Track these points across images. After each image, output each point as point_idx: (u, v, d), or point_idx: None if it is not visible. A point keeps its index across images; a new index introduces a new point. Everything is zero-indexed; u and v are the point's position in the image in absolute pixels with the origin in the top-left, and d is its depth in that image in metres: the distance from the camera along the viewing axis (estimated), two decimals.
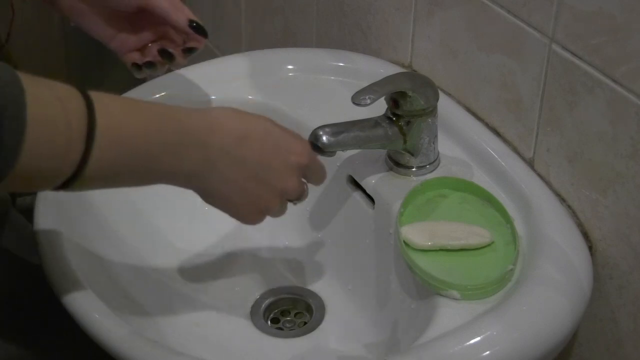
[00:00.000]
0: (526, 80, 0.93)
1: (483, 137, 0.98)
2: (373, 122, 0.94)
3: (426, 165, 0.97)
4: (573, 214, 0.92)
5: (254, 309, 1.02)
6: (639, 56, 0.81)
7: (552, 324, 0.81)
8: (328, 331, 0.99)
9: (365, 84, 0.91)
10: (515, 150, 0.97)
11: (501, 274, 0.84)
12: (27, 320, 0.94)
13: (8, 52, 1.83)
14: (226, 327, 1.00)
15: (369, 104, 0.89)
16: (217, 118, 0.77)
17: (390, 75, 0.94)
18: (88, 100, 0.70)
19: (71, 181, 0.70)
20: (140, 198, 1.04)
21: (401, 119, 0.94)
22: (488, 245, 0.89)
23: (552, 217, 0.89)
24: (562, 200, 0.93)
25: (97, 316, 0.83)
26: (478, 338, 0.79)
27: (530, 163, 0.96)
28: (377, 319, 0.96)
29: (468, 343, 0.78)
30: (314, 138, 0.90)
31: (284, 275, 1.05)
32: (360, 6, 1.16)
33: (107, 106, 0.71)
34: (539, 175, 0.95)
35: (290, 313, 1.02)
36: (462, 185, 0.94)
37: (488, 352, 0.78)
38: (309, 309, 1.02)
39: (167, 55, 0.94)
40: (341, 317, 1.00)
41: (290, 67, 1.12)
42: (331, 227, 1.04)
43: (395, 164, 0.97)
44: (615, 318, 0.91)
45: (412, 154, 0.96)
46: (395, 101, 0.93)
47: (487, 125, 1.00)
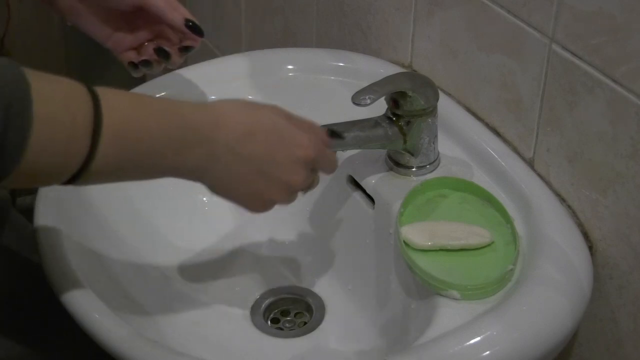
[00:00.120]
0: (526, 80, 0.93)
1: (483, 137, 0.98)
2: (373, 122, 0.94)
3: (426, 165, 0.97)
4: (573, 214, 0.92)
5: (254, 309, 1.02)
6: (639, 56, 0.81)
7: (552, 324, 0.81)
8: (328, 331, 0.99)
9: (365, 84, 0.91)
10: (515, 150, 0.97)
11: (501, 274, 0.84)
12: (27, 320, 0.94)
13: (7, 52, 1.83)
14: (226, 327, 1.00)
15: (369, 104, 0.89)
16: (222, 113, 0.77)
17: (390, 75, 0.94)
18: (94, 95, 0.70)
19: (77, 176, 0.70)
20: (139, 198, 1.04)
21: (401, 119, 0.94)
22: (488, 245, 0.89)
23: (552, 217, 0.89)
24: (562, 200, 0.93)
25: (97, 316, 0.83)
26: (478, 338, 0.79)
27: (530, 163, 0.96)
28: (377, 319, 0.96)
29: (468, 343, 0.78)
30: None
31: (284, 275, 1.05)
32: (360, 6, 1.16)
33: (113, 102, 0.71)
34: (539, 175, 0.95)
35: (290, 313, 1.02)
36: (462, 185, 0.94)
37: (488, 352, 0.78)
38: (309, 309, 1.02)
39: (164, 53, 0.94)
40: (341, 317, 1.00)
41: (290, 67, 1.12)
42: (331, 227, 1.04)
43: (395, 164, 0.97)
44: (615, 318, 0.91)
45: (412, 154, 0.96)
46: (395, 101, 0.93)
47: (487, 125, 1.00)
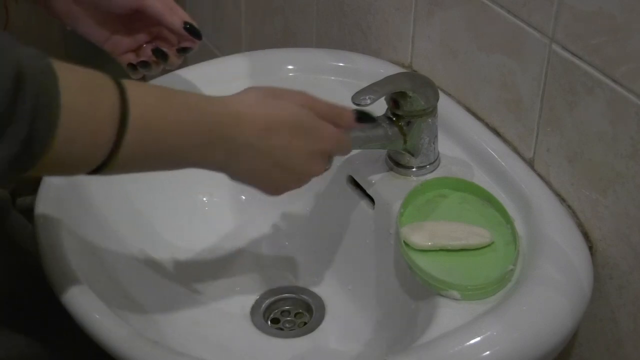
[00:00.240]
0: (526, 80, 0.93)
1: (483, 137, 0.98)
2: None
3: (426, 165, 0.97)
4: (573, 214, 0.92)
5: (254, 309, 1.02)
6: (639, 56, 0.81)
7: (552, 324, 0.81)
8: (328, 331, 0.99)
9: (365, 84, 0.91)
10: (515, 150, 0.97)
11: (501, 274, 0.84)
12: (27, 320, 0.94)
13: None
14: (226, 327, 1.00)
15: (369, 104, 0.89)
16: (243, 108, 0.78)
17: (390, 75, 0.94)
18: (120, 88, 0.70)
19: (102, 167, 0.71)
20: (139, 198, 1.04)
21: (401, 119, 0.94)
22: (488, 245, 0.89)
23: (552, 217, 0.89)
24: (562, 200, 0.93)
25: (97, 316, 0.83)
26: (478, 338, 0.79)
27: (530, 163, 0.96)
28: (377, 319, 0.96)
29: (468, 343, 0.78)
30: None
31: (284, 275, 1.05)
32: (360, 6, 1.16)
33: (139, 94, 0.72)
34: (539, 175, 0.95)
35: (290, 313, 1.02)
36: (462, 185, 0.94)
37: (488, 352, 0.78)
38: (309, 309, 1.02)
39: (161, 54, 0.94)
40: (341, 317, 1.00)
41: (290, 67, 1.12)
42: (331, 227, 1.04)
43: (395, 164, 0.97)
44: (615, 318, 0.91)
45: (412, 154, 0.96)
46: (395, 101, 0.93)
47: (487, 125, 1.00)
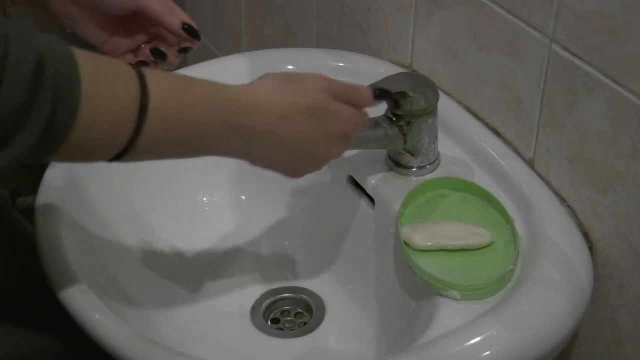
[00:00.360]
0: (526, 80, 0.93)
1: (483, 137, 0.98)
2: (373, 122, 0.94)
3: (426, 165, 0.97)
4: (573, 214, 0.92)
5: (254, 309, 1.02)
6: (639, 56, 0.81)
7: (552, 324, 0.81)
8: (328, 331, 0.99)
9: (365, 84, 0.91)
10: (515, 150, 0.97)
11: (501, 274, 0.84)
12: (27, 320, 0.94)
13: None
14: (226, 327, 1.00)
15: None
16: (259, 97, 0.78)
17: (390, 75, 0.94)
18: (140, 75, 0.71)
19: (122, 154, 0.71)
20: (139, 198, 1.04)
21: (401, 119, 0.94)
22: (488, 245, 0.89)
23: (552, 217, 0.89)
24: (562, 200, 0.93)
25: (97, 316, 0.83)
26: (478, 338, 0.79)
27: (530, 163, 0.96)
28: (377, 319, 0.96)
29: (468, 343, 0.78)
30: None
31: (284, 275, 1.05)
32: (360, 6, 1.16)
33: (159, 82, 0.72)
34: (539, 175, 0.95)
35: (290, 313, 1.02)
36: (462, 185, 0.94)
37: (488, 352, 0.78)
38: (309, 309, 1.02)
39: (160, 54, 0.94)
40: (341, 317, 1.00)
41: (290, 67, 1.12)
42: (331, 227, 1.04)
43: (395, 164, 0.97)
44: (615, 318, 0.91)
45: (412, 154, 0.96)
46: (395, 101, 0.93)
47: (487, 125, 1.00)
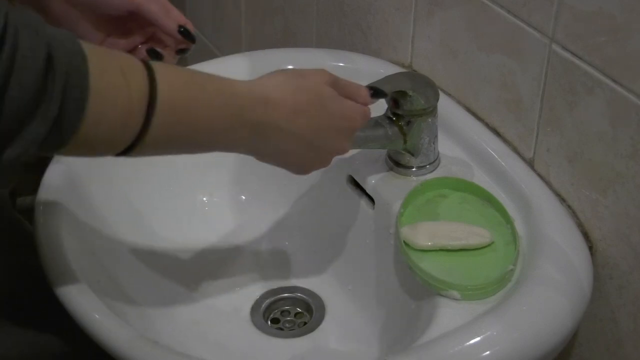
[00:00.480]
0: (526, 80, 0.93)
1: (483, 137, 0.98)
2: (373, 122, 0.94)
3: (426, 165, 0.97)
4: (573, 214, 0.92)
5: (254, 309, 1.02)
6: (639, 56, 0.81)
7: (552, 324, 0.81)
8: (328, 331, 0.99)
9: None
10: (515, 150, 0.97)
11: (501, 274, 0.84)
12: (27, 320, 0.94)
13: None
14: (226, 327, 1.00)
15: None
16: (269, 92, 0.78)
17: (390, 74, 0.94)
18: (149, 69, 0.71)
19: (131, 148, 0.71)
20: (139, 198, 1.04)
21: (401, 119, 0.94)
22: (488, 245, 0.89)
23: (552, 217, 0.89)
24: (562, 200, 0.93)
25: (97, 316, 0.83)
26: (478, 338, 0.79)
27: (530, 163, 0.96)
28: (377, 319, 0.96)
29: (468, 343, 0.78)
30: None
31: (284, 275, 1.05)
32: (360, 6, 1.16)
33: (168, 76, 0.72)
34: (539, 175, 0.95)
35: (290, 313, 1.02)
36: (462, 185, 0.94)
37: (488, 352, 0.78)
38: (309, 309, 1.02)
39: (156, 55, 0.94)
40: (341, 317, 1.00)
41: (290, 68, 1.12)
42: (331, 227, 1.04)
43: (395, 164, 0.97)
44: (615, 318, 0.91)
45: (412, 154, 0.96)
46: (395, 101, 0.93)
47: (487, 125, 1.00)
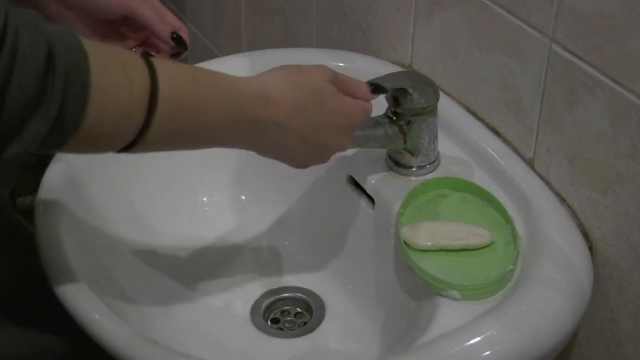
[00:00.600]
0: (526, 80, 0.93)
1: (483, 137, 0.98)
2: (373, 122, 0.94)
3: (426, 165, 0.97)
4: (573, 214, 0.92)
5: (254, 309, 1.02)
6: (639, 56, 0.81)
7: (552, 324, 0.81)
8: (328, 331, 0.99)
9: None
10: (515, 150, 0.97)
11: (501, 274, 0.84)
12: (27, 320, 0.94)
13: None
14: (226, 327, 1.00)
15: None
16: (270, 89, 0.79)
17: (390, 73, 0.94)
18: (150, 66, 0.71)
19: (132, 144, 0.72)
20: (139, 198, 1.04)
21: (401, 119, 0.94)
22: (488, 245, 0.89)
23: (552, 217, 0.89)
24: (562, 200, 0.93)
25: (97, 316, 0.83)
26: (478, 338, 0.79)
27: (530, 163, 0.96)
28: (377, 319, 0.96)
29: (468, 343, 0.78)
30: None
31: (284, 275, 1.05)
32: (360, 6, 1.16)
33: (169, 73, 0.72)
34: (539, 175, 0.95)
35: (290, 313, 1.02)
36: (462, 185, 0.94)
37: (488, 352, 0.78)
38: (309, 309, 1.01)
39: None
40: (341, 317, 1.00)
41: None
42: (331, 227, 1.04)
43: (395, 164, 0.97)
44: (615, 318, 0.91)
45: (413, 154, 0.96)
46: (395, 99, 0.93)
47: (487, 125, 1.00)
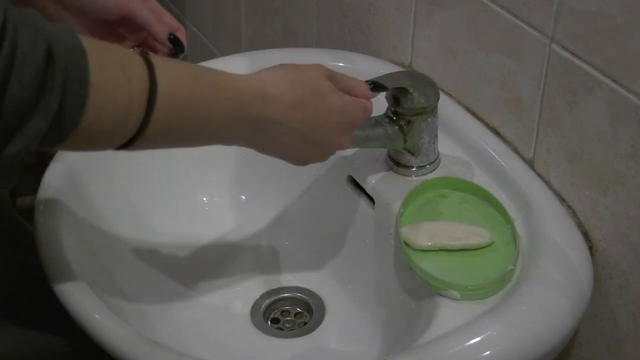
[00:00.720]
0: (526, 80, 0.93)
1: (483, 137, 0.98)
2: (373, 121, 0.94)
3: (426, 165, 0.97)
4: (573, 214, 0.92)
5: (254, 309, 1.02)
6: (639, 56, 0.81)
7: (552, 324, 0.81)
8: (328, 331, 0.99)
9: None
10: (515, 150, 0.97)
11: (501, 274, 0.84)
12: (27, 320, 0.94)
13: None
14: (226, 327, 1.00)
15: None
16: (268, 87, 0.79)
17: (390, 72, 0.94)
18: (149, 64, 0.71)
19: (131, 142, 0.72)
20: (140, 198, 1.04)
21: (402, 118, 0.94)
22: (488, 245, 0.89)
23: (552, 217, 0.89)
24: (562, 200, 0.93)
25: (97, 316, 0.83)
26: (478, 338, 0.79)
27: (530, 163, 0.96)
28: (377, 319, 0.96)
29: (468, 343, 0.78)
30: None
31: (284, 275, 1.05)
32: (360, 6, 1.16)
33: (168, 71, 0.72)
34: (539, 175, 0.95)
35: (290, 313, 1.02)
36: (462, 185, 0.94)
37: (488, 352, 0.78)
38: (309, 309, 1.02)
39: None
40: (341, 317, 1.00)
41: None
42: (331, 227, 1.04)
43: (395, 164, 0.97)
44: (615, 318, 0.91)
45: (413, 154, 0.96)
46: (395, 98, 0.93)
47: (487, 125, 1.00)
